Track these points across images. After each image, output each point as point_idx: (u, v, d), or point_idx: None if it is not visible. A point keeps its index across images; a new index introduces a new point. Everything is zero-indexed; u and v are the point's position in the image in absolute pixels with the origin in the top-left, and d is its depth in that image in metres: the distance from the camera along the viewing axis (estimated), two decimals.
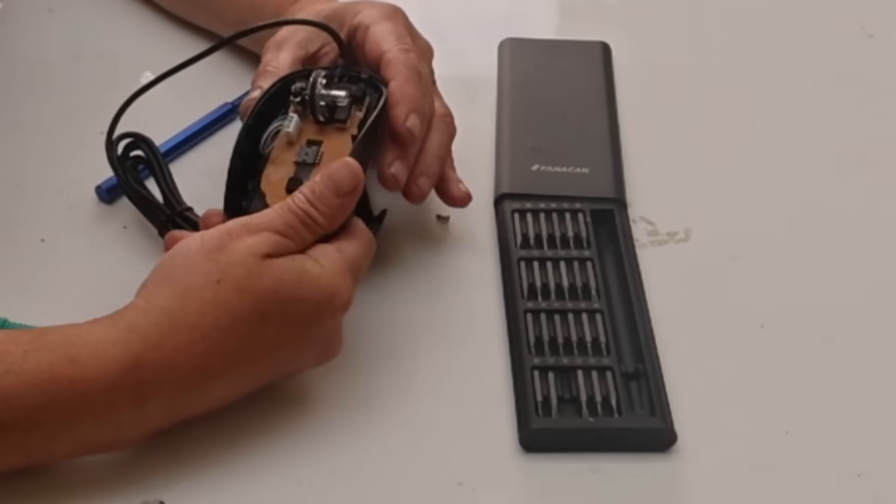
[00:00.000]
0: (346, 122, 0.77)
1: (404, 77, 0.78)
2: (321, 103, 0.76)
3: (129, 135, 0.81)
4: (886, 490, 0.70)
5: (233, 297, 0.67)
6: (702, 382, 0.75)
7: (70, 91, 0.94)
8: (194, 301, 0.67)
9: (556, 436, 0.71)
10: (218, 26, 0.96)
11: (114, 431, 0.67)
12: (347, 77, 0.79)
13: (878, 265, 0.83)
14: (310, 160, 0.75)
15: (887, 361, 0.77)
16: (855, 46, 1.03)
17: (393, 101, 0.77)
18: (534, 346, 0.75)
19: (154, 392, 0.66)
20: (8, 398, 0.64)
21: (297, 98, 0.77)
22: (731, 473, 0.70)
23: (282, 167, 0.75)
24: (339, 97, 0.77)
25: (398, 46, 0.79)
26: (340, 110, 0.77)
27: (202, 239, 0.69)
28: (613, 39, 0.99)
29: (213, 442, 0.71)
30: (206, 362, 0.67)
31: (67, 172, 0.86)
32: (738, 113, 0.95)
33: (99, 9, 1.01)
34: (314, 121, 0.77)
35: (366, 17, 0.82)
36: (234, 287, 0.67)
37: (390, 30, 0.81)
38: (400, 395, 0.74)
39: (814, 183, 0.89)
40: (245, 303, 0.67)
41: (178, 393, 0.67)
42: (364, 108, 0.77)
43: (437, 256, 0.82)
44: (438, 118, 0.81)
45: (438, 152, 0.80)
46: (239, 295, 0.67)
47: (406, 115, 0.77)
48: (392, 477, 0.70)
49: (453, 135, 0.82)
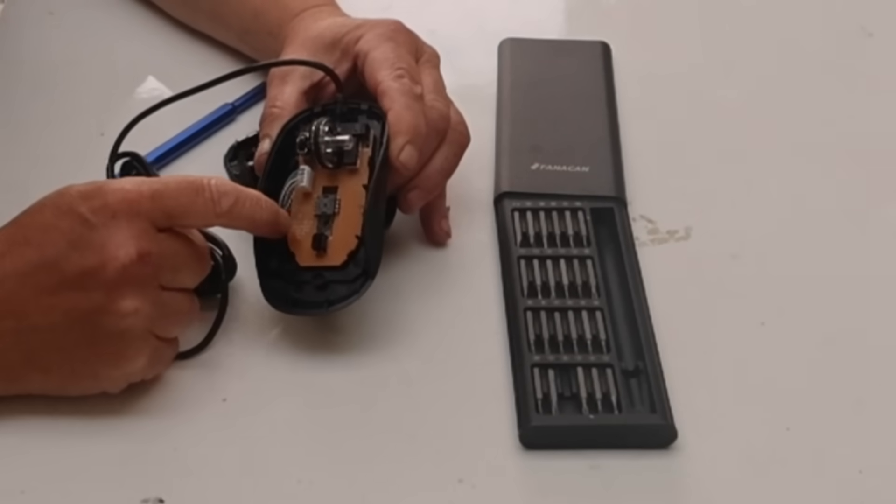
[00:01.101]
0: (356, 164, 0.77)
1: (400, 106, 0.78)
2: (327, 150, 0.77)
3: (123, 154, 0.81)
4: (888, 487, 0.70)
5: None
6: (702, 379, 0.75)
7: (70, 92, 0.94)
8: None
9: (557, 433, 0.71)
10: (222, 33, 0.97)
11: None
12: (348, 110, 0.79)
13: (877, 263, 0.83)
14: (329, 211, 0.76)
15: (888, 358, 0.77)
16: (855, 46, 1.03)
17: (390, 133, 0.77)
18: (534, 343, 0.75)
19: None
20: None
21: (304, 150, 0.77)
22: (732, 470, 0.70)
23: (304, 222, 0.76)
24: (344, 142, 0.77)
25: (392, 74, 0.79)
26: (348, 154, 0.77)
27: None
28: (613, 39, 0.99)
29: (213, 441, 0.71)
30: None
31: (67, 173, 0.86)
32: (737, 112, 0.95)
33: (99, 11, 1.01)
34: (323, 167, 0.77)
35: (365, 44, 0.82)
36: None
37: (386, 55, 0.80)
38: (400, 393, 0.74)
39: (814, 182, 0.89)
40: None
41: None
42: (370, 143, 0.78)
43: (438, 255, 0.82)
44: (452, 128, 0.81)
45: (442, 165, 0.80)
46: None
47: (401, 147, 0.77)
48: (392, 474, 0.70)
49: (465, 145, 0.82)
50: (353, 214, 0.76)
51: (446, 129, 0.81)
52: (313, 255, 0.75)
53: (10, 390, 0.70)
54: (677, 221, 0.85)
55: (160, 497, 0.68)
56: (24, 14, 1.01)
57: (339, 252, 0.75)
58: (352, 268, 0.74)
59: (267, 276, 0.76)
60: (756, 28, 1.04)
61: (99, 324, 0.68)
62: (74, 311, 0.68)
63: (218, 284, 0.76)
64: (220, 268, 0.76)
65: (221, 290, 0.76)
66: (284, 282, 0.75)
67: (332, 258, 0.75)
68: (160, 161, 0.87)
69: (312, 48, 0.84)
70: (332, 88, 0.82)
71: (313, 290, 0.75)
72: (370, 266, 0.74)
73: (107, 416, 0.72)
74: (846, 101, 0.97)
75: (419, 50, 0.83)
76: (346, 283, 0.74)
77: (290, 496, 0.68)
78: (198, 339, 0.75)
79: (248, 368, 0.75)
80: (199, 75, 0.80)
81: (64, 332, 0.68)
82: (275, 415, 0.72)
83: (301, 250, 0.75)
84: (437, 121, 0.80)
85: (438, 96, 0.81)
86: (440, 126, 0.80)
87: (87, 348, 0.69)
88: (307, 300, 0.75)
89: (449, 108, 0.81)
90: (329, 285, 0.75)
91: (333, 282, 0.75)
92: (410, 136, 0.77)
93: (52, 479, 0.69)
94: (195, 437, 0.71)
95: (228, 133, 0.90)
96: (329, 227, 0.76)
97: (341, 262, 0.75)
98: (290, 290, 0.75)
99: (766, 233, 0.85)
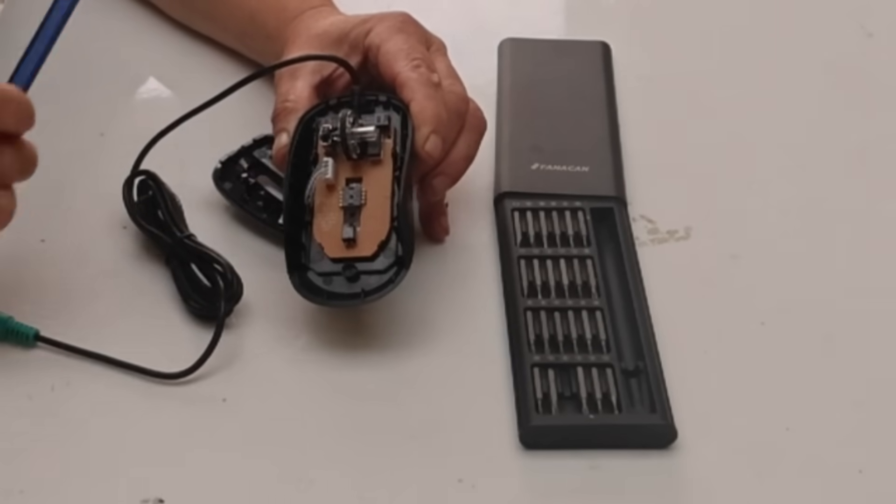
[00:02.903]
0: (379, 155, 0.77)
1: (422, 96, 0.78)
2: (352, 142, 0.77)
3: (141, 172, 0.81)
4: (888, 487, 0.70)
5: None
6: (702, 379, 0.75)
7: (71, 93, 0.94)
8: None
9: (556, 433, 0.71)
10: (221, 35, 0.96)
11: None
12: (365, 102, 0.79)
13: (877, 263, 0.83)
14: (356, 202, 0.76)
15: (888, 358, 0.77)
16: (855, 46, 1.03)
17: (414, 124, 0.77)
18: (534, 343, 0.75)
19: None
20: None
21: (327, 141, 0.77)
22: (732, 470, 0.70)
23: (330, 214, 0.76)
24: (369, 132, 0.77)
25: (409, 65, 0.79)
26: (372, 145, 0.77)
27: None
28: (613, 39, 0.99)
29: (213, 441, 0.71)
30: None
31: (67, 173, 0.86)
32: (737, 112, 0.95)
33: (99, 12, 1.01)
34: (347, 158, 0.77)
35: (376, 37, 0.82)
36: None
37: (400, 46, 0.81)
38: (400, 393, 0.74)
39: (814, 181, 0.89)
40: None
41: None
42: (392, 134, 0.78)
43: (438, 255, 0.82)
44: (471, 113, 0.81)
45: (466, 152, 0.81)
46: None
47: (426, 137, 0.77)
48: (392, 474, 0.70)
49: (483, 130, 0.83)
50: (381, 205, 0.76)
51: (466, 111, 0.81)
52: (343, 247, 0.75)
53: None
54: (677, 221, 0.85)
55: (160, 497, 0.68)
56: (24, 14, 1.01)
57: (369, 243, 0.75)
58: (382, 258, 0.75)
59: (296, 269, 0.75)
60: (756, 28, 1.04)
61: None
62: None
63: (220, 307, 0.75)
64: (221, 292, 0.76)
65: (221, 314, 0.75)
66: (314, 274, 0.75)
67: (363, 249, 0.75)
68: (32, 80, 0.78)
69: (318, 45, 0.84)
70: (341, 83, 0.82)
71: (344, 282, 0.75)
72: (405, 256, 0.74)
73: (107, 415, 0.72)
74: (846, 101, 0.97)
75: (428, 40, 0.84)
76: (378, 274, 0.75)
77: (290, 496, 0.68)
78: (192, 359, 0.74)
79: (248, 369, 0.75)
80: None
81: None
82: (274, 415, 0.72)
83: (330, 242, 0.75)
84: (458, 104, 0.80)
85: (454, 80, 0.82)
86: (461, 109, 0.81)
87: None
88: (341, 292, 0.75)
89: (466, 90, 0.82)
90: (360, 276, 0.75)
91: (364, 273, 0.75)
92: (434, 126, 0.77)
93: (52, 479, 0.69)
94: (195, 437, 0.71)
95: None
96: (356, 218, 0.76)
97: (372, 252, 0.75)
98: (321, 282, 0.75)
99: (766, 233, 0.85)
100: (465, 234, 0.83)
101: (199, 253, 0.78)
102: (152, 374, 0.73)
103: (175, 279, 0.78)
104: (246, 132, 0.85)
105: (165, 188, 0.81)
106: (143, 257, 0.80)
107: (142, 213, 0.81)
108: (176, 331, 0.76)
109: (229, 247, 0.78)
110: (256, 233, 0.82)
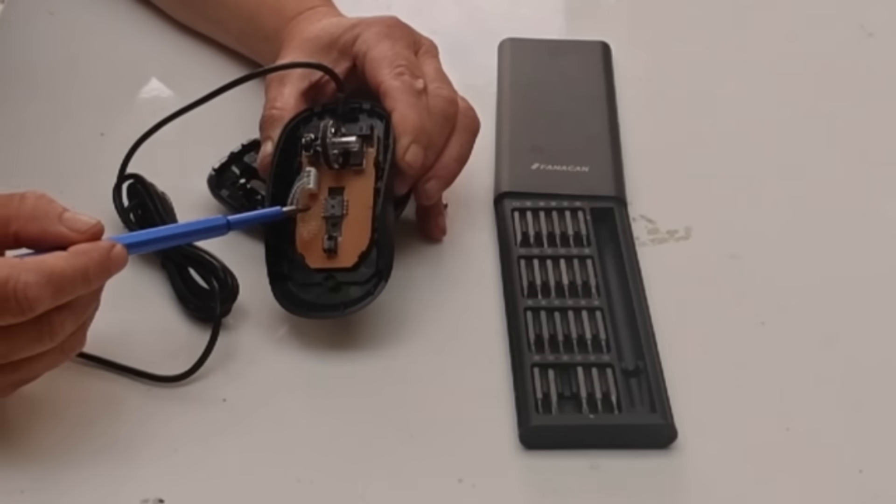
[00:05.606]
0: (362, 165, 0.77)
1: (404, 105, 0.78)
2: (334, 152, 0.77)
3: (128, 176, 0.81)
4: (887, 487, 0.70)
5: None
6: (702, 379, 0.75)
7: (70, 93, 0.94)
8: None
9: (557, 433, 0.71)
10: (220, 35, 0.96)
11: None
12: (349, 110, 0.79)
13: (877, 263, 0.83)
14: (337, 213, 0.76)
15: (888, 358, 0.77)
16: (855, 46, 1.03)
17: (395, 134, 0.77)
18: (534, 343, 0.75)
19: None
20: None
21: (310, 151, 0.77)
22: (732, 470, 0.70)
23: (311, 223, 0.76)
24: (351, 142, 0.77)
25: (392, 72, 0.79)
26: (354, 155, 0.77)
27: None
28: (613, 39, 0.99)
29: (213, 441, 0.71)
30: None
31: (67, 173, 0.86)
32: (737, 111, 0.95)
33: (99, 12, 1.01)
34: (329, 167, 0.77)
35: (363, 44, 0.82)
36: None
37: (384, 53, 0.80)
38: (400, 392, 0.74)
39: (814, 181, 0.89)
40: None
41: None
42: (375, 143, 0.78)
43: (438, 255, 0.82)
44: (462, 113, 0.81)
45: (458, 152, 0.81)
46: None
47: (406, 147, 0.77)
48: (392, 474, 0.70)
49: (476, 130, 0.82)
50: (362, 215, 0.76)
51: (455, 112, 0.81)
52: (324, 257, 0.75)
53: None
54: (677, 221, 0.85)
55: (160, 497, 0.68)
56: (24, 14, 1.01)
57: (349, 253, 0.75)
58: (363, 269, 0.75)
59: (277, 279, 0.75)
60: (756, 28, 1.04)
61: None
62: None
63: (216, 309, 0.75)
64: (216, 293, 0.76)
65: (218, 315, 0.75)
66: (296, 285, 0.75)
67: (343, 260, 0.75)
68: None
69: (309, 50, 0.84)
70: (330, 88, 0.82)
71: (325, 293, 0.75)
72: (384, 268, 0.74)
73: (107, 416, 0.72)
74: (846, 101, 0.97)
75: (417, 43, 0.83)
76: (359, 285, 0.75)
77: (290, 496, 0.68)
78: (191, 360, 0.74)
79: (247, 369, 0.75)
80: (200, 76, 0.81)
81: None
82: (274, 415, 0.72)
83: (311, 252, 0.75)
84: (445, 107, 0.80)
85: (442, 83, 0.81)
86: (449, 111, 0.80)
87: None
88: (322, 303, 0.75)
89: (455, 92, 0.81)
90: (341, 287, 0.75)
91: (345, 283, 0.75)
92: (414, 136, 0.77)
93: (52, 479, 0.69)
94: (195, 437, 0.71)
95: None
96: (338, 228, 0.76)
97: (352, 263, 0.75)
98: (302, 292, 0.75)
99: (766, 233, 0.85)
100: (465, 234, 0.83)
101: (193, 254, 0.78)
102: (152, 377, 0.73)
103: (171, 281, 0.78)
104: (239, 133, 0.85)
105: (154, 190, 0.81)
106: (139, 260, 0.80)
107: (134, 217, 0.81)
108: (174, 332, 0.77)
109: (224, 247, 0.78)
110: (251, 234, 0.82)
